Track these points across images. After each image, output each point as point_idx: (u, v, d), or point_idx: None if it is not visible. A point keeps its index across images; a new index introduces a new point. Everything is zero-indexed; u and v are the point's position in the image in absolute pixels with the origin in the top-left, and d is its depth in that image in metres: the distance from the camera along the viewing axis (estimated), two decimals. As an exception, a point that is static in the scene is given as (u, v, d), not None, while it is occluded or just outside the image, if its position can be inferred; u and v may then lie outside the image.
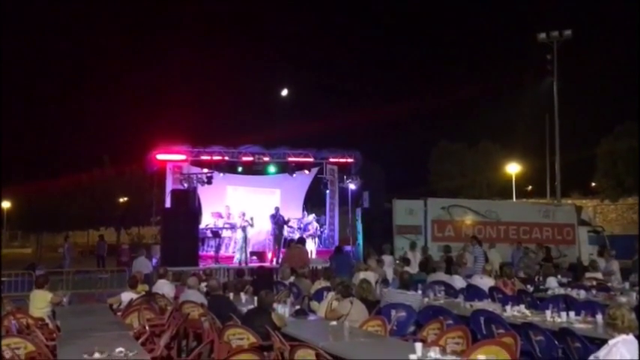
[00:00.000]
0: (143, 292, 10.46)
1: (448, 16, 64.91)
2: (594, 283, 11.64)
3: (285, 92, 31.23)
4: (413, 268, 13.16)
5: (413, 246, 16.31)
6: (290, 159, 20.90)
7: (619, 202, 39.54)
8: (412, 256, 14.91)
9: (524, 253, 16.77)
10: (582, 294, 9.67)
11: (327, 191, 21.82)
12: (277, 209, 19.78)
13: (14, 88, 37.89)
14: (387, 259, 14.67)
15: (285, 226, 19.94)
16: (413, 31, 67.21)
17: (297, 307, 8.64)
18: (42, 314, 8.97)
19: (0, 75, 34.14)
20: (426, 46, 69.39)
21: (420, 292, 9.73)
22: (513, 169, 40.07)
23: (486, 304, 8.42)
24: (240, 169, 20.92)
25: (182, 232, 17.68)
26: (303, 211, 21.86)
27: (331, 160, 21.62)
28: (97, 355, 5.24)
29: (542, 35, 27.12)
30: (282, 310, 7.87)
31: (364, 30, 68.14)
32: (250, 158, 20.38)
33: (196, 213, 19.00)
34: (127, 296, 9.75)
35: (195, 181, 19.09)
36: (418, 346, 5.07)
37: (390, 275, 12.97)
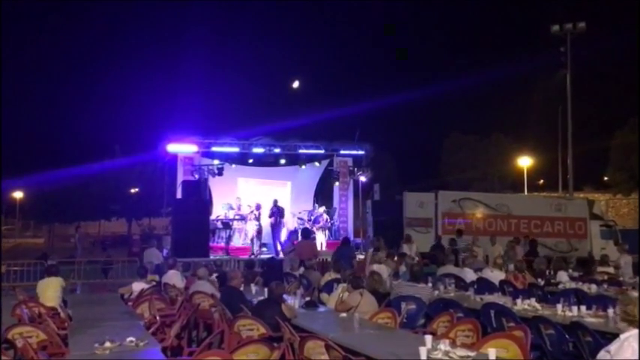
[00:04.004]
0: (154, 283, 10.52)
1: (461, 8, 64.54)
2: (605, 277, 11.57)
3: (296, 84, 31.21)
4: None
5: (409, 239, 16.16)
6: (301, 151, 20.92)
7: (632, 197, 39.24)
8: (408, 250, 14.83)
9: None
10: (594, 288, 9.61)
11: (337, 183, 21.80)
12: (275, 202, 19.58)
13: (26, 78, 38.00)
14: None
15: (285, 217, 19.89)
16: (426, 23, 66.90)
17: (307, 298, 8.65)
18: (54, 302, 9.02)
19: (12, 64, 34.28)
20: (439, 37, 69.02)
21: (430, 284, 9.70)
22: (525, 162, 39.83)
23: (497, 298, 8.38)
24: (251, 160, 20.95)
25: (193, 223, 17.72)
26: (313, 203, 21.85)
27: (342, 152, 21.62)
28: (108, 344, 5.28)
29: (556, 27, 26.87)
30: (292, 301, 7.89)
31: (376, 20, 67.89)
32: (261, 150, 20.39)
33: (207, 204, 19.03)
34: (138, 286, 9.81)
35: (206, 173, 19.13)
36: (428, 338, 5.07)
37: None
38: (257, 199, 19.90)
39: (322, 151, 21.37)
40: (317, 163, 21.94)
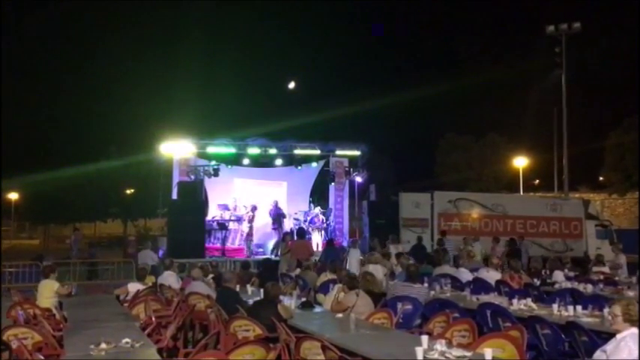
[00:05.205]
0: (150, 284, 10.48)
1: (457, 8, 64.62)
2: (601, 277, 11.60)
3: (292, 85, 31.20)
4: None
5: (395, 240, 16.19)
6: (297, 151, 20.92)
7: (627, 197, 39.36)
8: (395, 250, 14.85)
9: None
10: (589, 288, 9.63)
11: (333, 184, 21.81)
12: (276, 203, 19.75)
13: (21, 77, 37.85)
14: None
15: (285, 220, 19.97)
16: (421, 24, 66.98)
17: (304, 299, 8.64)
18: (49, 304, 8.99)
19: (6, 64, 34.16)
20: (435, 38, 69.12)
21: (426, 284, 9.70)
22: (520, 162, 39.91)
23: (493, 298, 8.39)
24: (246, 161, 20.93)
25: (188, 224, 17.73)
26: (309, 203, 21.85)
27: (338, 152, 21.63)
28: (103, 345, 5.25)
29: (551, 28, 26.91)
30: (289, 302, 7.88)
31: (372, 22, 68.01)
32: (257, 150, 20.38)
33: (203, 205, 19.04)
34: (133, 287, 9.77)
35: (201, 173, 19.12)
36: (424, 338, 5.06)
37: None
38: (253, 199, 19.93)
39: (318, 152, 21.37)
40: (313, 164, 21.95)
